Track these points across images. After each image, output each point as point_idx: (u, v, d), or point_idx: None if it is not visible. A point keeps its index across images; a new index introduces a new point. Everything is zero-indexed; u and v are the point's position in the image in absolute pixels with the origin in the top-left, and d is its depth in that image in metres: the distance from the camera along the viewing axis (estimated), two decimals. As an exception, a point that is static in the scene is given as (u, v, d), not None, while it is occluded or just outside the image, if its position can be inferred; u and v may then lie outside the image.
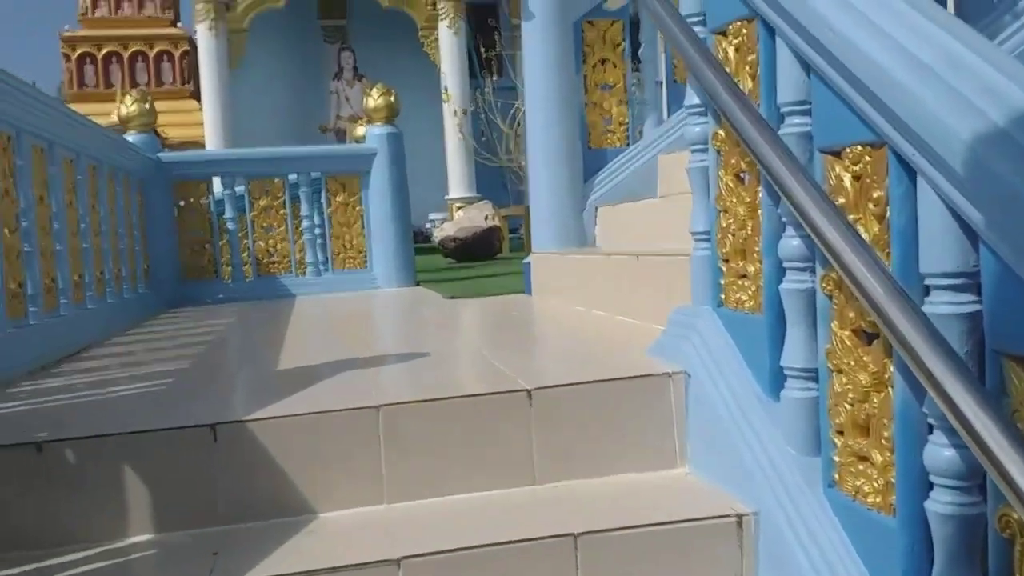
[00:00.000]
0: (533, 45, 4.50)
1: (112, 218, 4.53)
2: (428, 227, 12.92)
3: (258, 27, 12.59)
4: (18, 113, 3.13)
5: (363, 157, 5.97)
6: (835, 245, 1.34)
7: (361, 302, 5.17)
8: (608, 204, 4.45)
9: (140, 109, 5.47)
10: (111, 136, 4.64)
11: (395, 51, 13.77)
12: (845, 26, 1.51)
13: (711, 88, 1.67)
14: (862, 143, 1.59)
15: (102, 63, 19.57)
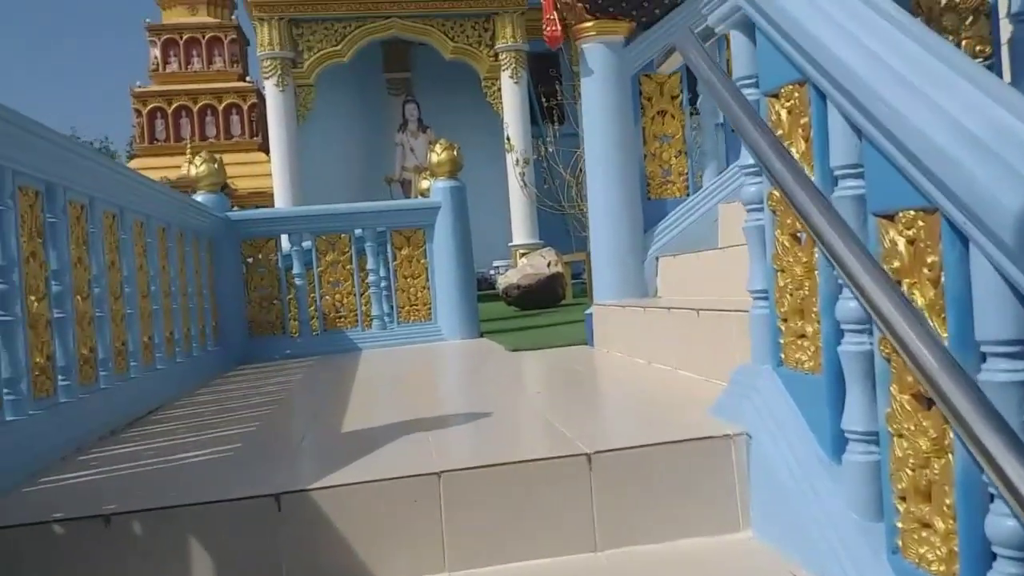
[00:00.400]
0: (592, 99, 4.54)
1: (182, 278, 4.67)
2: (492, 274, 12.99)
3: (324, 81, 12.92)
4: (91, 183, 3.26)
5: (427, 211, 6.06)
6: (886, 314, 1.31)
7: (425, 356, 5.21)
8: (669, 255, 4.44)
9: (209, 169, 5.65)
10: (181, 198, 4.80)
11: (458, 102, 13.99)
12: (893, 96, 1.50)
13: (762, 154, 1.66)
14: (915, 208, 1.56)
15: (172, 117, 20.29)
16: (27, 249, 2.74)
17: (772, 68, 2.10)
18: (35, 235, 2.81)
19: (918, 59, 1.57)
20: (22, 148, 2.63)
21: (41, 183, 2.84)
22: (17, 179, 2.66)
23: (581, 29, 4.50)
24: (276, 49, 12.37)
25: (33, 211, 2.80)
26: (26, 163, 2.69)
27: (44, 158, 2.80)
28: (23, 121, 2.58)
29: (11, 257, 2.59)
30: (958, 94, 1.45)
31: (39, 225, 2.84)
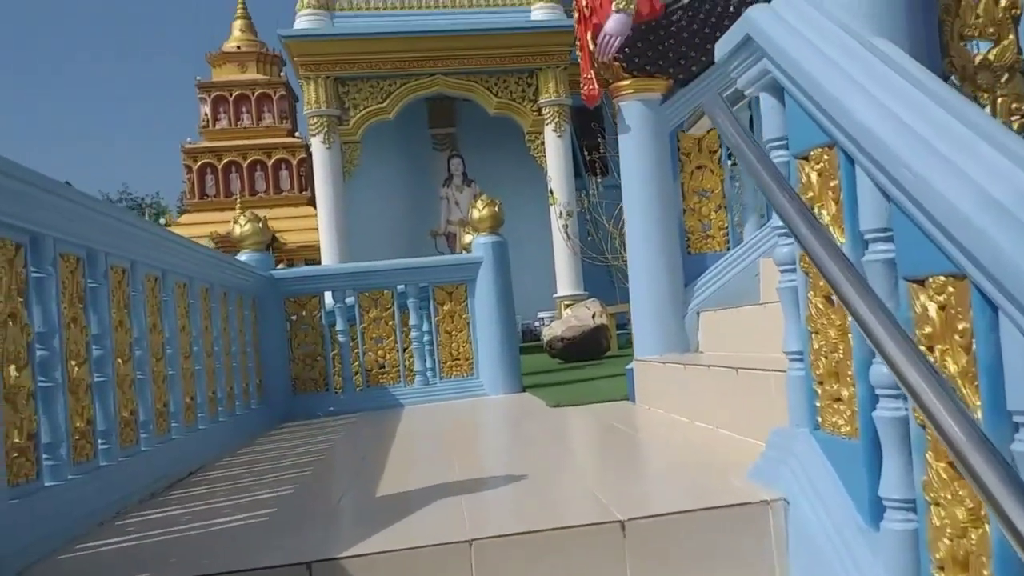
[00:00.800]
0: (629, 156, 4.54)
1: (225, 337, 4.73)
2: (537, 325, 12.99)
3: (370, 137, 13.12)
4: (133, 247, 3.33)
5: (469, 266, 6.09)
6: (914, 385, 1.28)
7: (465, 413, 5.19)
8: (710, 309, 4.39)
9: (253, 229, 5.75)
10: (223, 259, 4.88)
11: (502, 156, 14.12)
12: (917, 162, 1.47)
13: (789, 219, 1.64)
14: (944, 274, 1.53)
15: (222, 172, 20.76)
16: (68, 314, 2.80)
17: (801, 131, 2.08)
18: (76, 300, 2.87)
19: (943, 124, 1.55)
20: (63, 216, 2.70)
21: (82, 249, 2.91)
22: (59, 246, 2.73)
23: (618, 87, 4.52)
24: (323, 107, 12.62)
25: (75, 277, 2.86)
26: (67, 231, 2.75)
27: (85, 225, 2.87)
28: (64, 190, 2.65)
29: (52, 323, 2.65)
30: (983, 160, 1.42)
31: (80, 290, 2.91)
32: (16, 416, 2.46)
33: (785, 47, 1.99)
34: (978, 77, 2.56)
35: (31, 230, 2.56)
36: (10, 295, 2.48)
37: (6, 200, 2.38)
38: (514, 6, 13.19)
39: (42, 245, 2.63)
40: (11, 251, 2.48)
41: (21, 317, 2.52)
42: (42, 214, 2.59)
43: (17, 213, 2.45)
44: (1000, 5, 2.60)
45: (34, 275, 2.60)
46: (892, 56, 1.86)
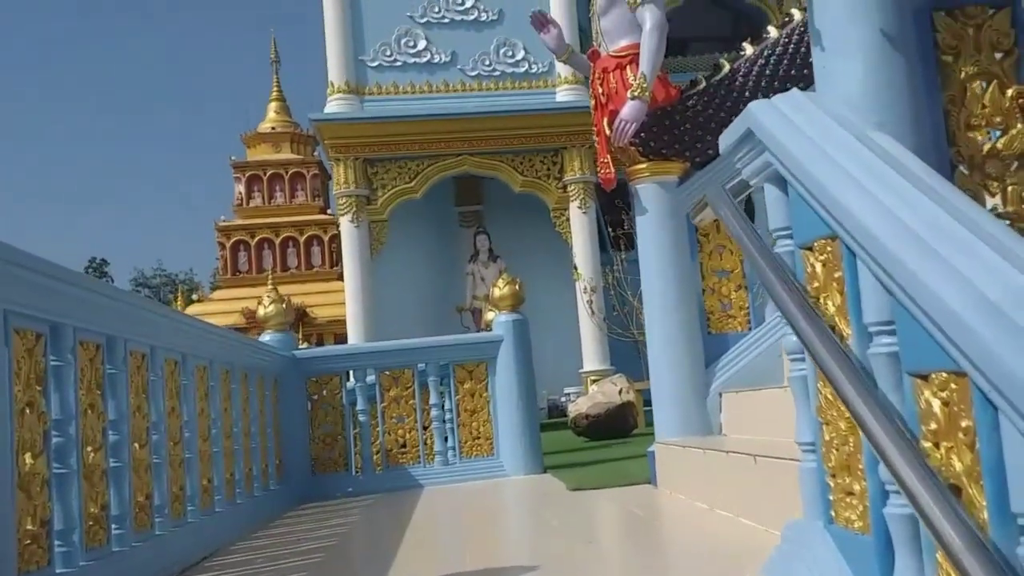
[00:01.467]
0: (647, 237, 4.57)
1: (245, 419, 4.75)
2: (563, 401, 12.90)
3: (398, 215, 13.30)
4: (153, 333, 3.38)
5: (489, 345, 6.09)
6: (910, 486, 1.26)
7: (484, 496, 5.14)
8: (732, 391, 4.35)
9: (277, 310, 5.81)
10: (244, 341, 4.93)
11: (528, 232, 14.23)
12: (912, 259, 1.48)
13: (788, 314, 1.64)
14: (946, 370, 1.52)
15: (255, 249, 21.12)
16: (85, 401, 2.83)
17: (805, 221, 2.09)
18: (94, 387, 2.91)
19: (938, 221, 1.55)
20: (83, 306, 2.75)
21: (102, 337, 2.96)
22: (78, 334, 2.78)
23: (635, 171, 4.58)
24: (352, 187, 12.86)
25: (93, 364, 2.91)
26: (87, 319, 2.81)
27: (105, 314, 2.92)
28: (84, 281, 2.71)
29: (69, 410, 2.68)
30: (978, 258, 1.42)
31: (99, 377, 2.94)
32: (30, 503, 2.47)
33: (785, 143, 2.01)
34: (987, 166, 2.57)
35: (52, 320, 2.61)
36: (29, 384, 2.52)
37: (28, 293, 2.44)
38: (539, 88, 13.44)
39: (62, 334, 2.68)
40: (31, 341, 2.53)
41: (38, 405, 2.56)
42: (63, 305, 2.64)
43: (38, 305, 2.51)
44: (1007, 95, 2.62)
45: (53, 363, 2.64)
46: (890, 151, 1.88)
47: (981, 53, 2.63)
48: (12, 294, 2.36)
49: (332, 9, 13.10)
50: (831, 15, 2.38)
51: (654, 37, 4.40)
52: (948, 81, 2.60)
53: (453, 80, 13.43)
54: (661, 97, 4.48)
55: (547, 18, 4.92)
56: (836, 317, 1.99)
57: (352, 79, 13.09)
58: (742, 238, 1.91)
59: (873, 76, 2.27)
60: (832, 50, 2.36)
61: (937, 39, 2.61)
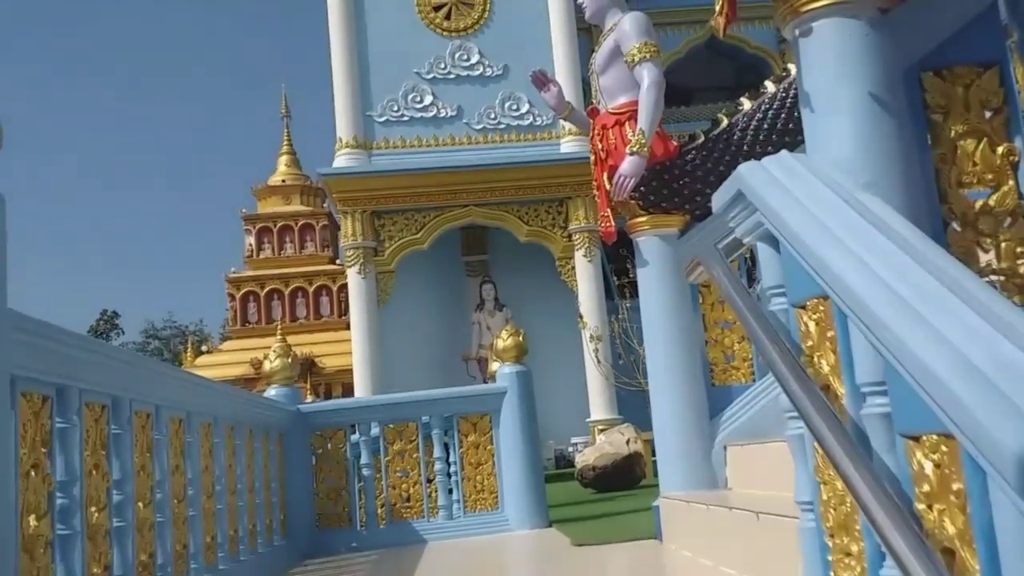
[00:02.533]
0: (648, 290, 4.60)
1: (249, 475, 4.75)
2: (571, 451, 12.84)
3: (404, 266, 13.40)
4: (158, 392, 3.40)
5: (493, 396, 6.10)
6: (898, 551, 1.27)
7: (487, 552, 5.12)
8: (737, 444, 4.34)
9: (283, 364, 5.84)
10: (249, 397, 4.96)
11: (534, 281, 14.29)
12: (896, 323, 1.50)
13: (779, 375, 1.67)
14: (937, 432, 1.53)
15: (264, 299, 21.25)
16: (90, 462, 2.85)
17: (797, 280, 2.12)
18: (99, 447, 2.93)
19: (924, 285, 1.58)
20: (89, 368, 2.78)
21: (108, 397, 2.98)
22: (84, 396, 2.80)
23: (635, 224, 4.62)
24: (359, 239, 12.98)
25: (98, 425, 2.93)
26: (93, 381, 2.84)
27: (111, 374, 2.95)
28: (90, 344, 2.76)
29: (73, 472, 2.70)
30: (962, 322, 1.45)
31: (104, 437, 2.97)
32: (32, 566, 2.48)
33: (774, 205, 2.05)
34: (979, 223, 2.60)
35: (58, 383, 2.64)
36: (34, 446, 2.54)
37: (35, 357, 2.47)
38: (544, 140, 13.60)
39: (68, 396, 2.71)
40: (37, 404, 2.56)
41: (43, 467, 2.58)
42: (69, 367, 2.67)
43: (45, 368, 2.54)
44: (998, 152, 2.67)
45: (59, 425, 2.67)
46: (878, 213, 1.91)
47: (970, 112, 2.68)
48: (19, 359, 2.40)
49: (340, 66, 13.34)
50: (819, 77, 2.43)
51: (652, 94, 4.46)
52: (938, 140, 2.65)
53: (459, 134, 13.61)
54: (660, 152, 4.53)
55: (547, 77, 5.00)
56: (831, 376, 2.01)
57: (360, 134, 13.28)
58: (733, 298, 1.94)
59: (862, 136, 2.31)
60: (821, 111, 2.41)
61: (926, 99, 2.66)
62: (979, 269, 2.49)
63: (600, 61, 4.77)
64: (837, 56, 2.39)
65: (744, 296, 1.93)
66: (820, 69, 2.43)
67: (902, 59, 2.58)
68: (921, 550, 1.26)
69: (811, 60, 2.46)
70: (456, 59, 13.77)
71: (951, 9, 2.70)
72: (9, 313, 2.28)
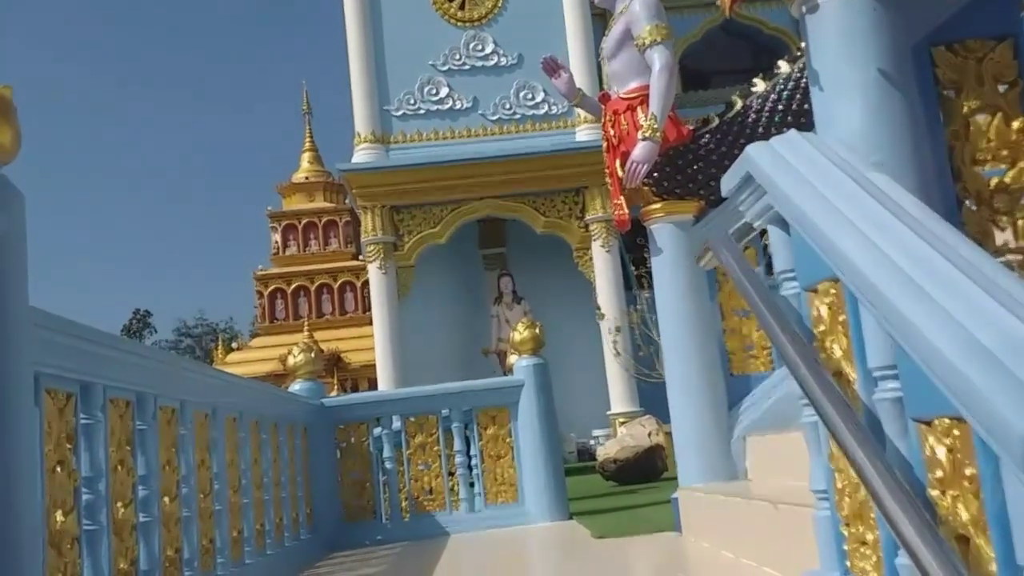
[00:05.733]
0: (663, 279, 4.58)
1: (275, 469, 4.80)
2: (592, 444, 12.83)
3: (424, 260, 13.44)
4: (183, 388, 3.44)
5: (511, 390, 6.11)
6: (909, 540, 1.27)
7: (508, 544, 5.15)
8: (757, 434, 4.31)
9: (306, 359, 5.89)
10: (274, 392, 5.00)
11: (551, 272, 14.28)
12: (904, 304, 1.50)
13: (789, 361, 1.67)
14: (948, 416, 1.53)
15: (291, 296, 21.48)
16: (115, 458, 2.90)
17: (808, 264, 2.12)
18: (124, 443, 2.97)
19: (933, 266, 1.57)
20: (112, 365, 2.82)
21: (132, 394, 3.03)
22: (108, 392, 2.85)
23: (649, 211, 4.60)
24: (379, 234, 13.04)
25: (123, 421, 2.97)
26: (117, 378, 2.88)
27: (135, 371, 2.99)
28: (115, 342, 2.80)
29: (99, 467, 2.74)
30: (971, 302, 1.44)
31: (129, 433, 3.01)
32: (60, 561, 2.53)
33: (783, 187, 2.05)
34: (995, 201, 2.57)
35: (82, 379, 2.68)
36: (59, 443, 2.58)
37: (59, 354, 2.51)
38: (559, 129, 13.58)
39: (92, 392, 2.75)
40: (62, 400, 2.60)
41: (69, 463, 2.62)
42: (93, 364, 2.72)
43: (69, 365, 2.58)
44: (1013, 127, 2.62)
45: (84, 422, 2.71)
46: (888, 193, 1.90)
47: (984, 86, 2.63)
48: (43, 356, 2.44)
49: (357, 61, 13.37)
50: (828, 56, 2.39)
51: (663, 77, 4.41)
52: (950, 116, 2.60)
53: (475, 125, 13.61)
54: (673, 137, 4.49)
55: (557, 63, 4.99)
56: (843, 361, 2.01)
57: (377, 129, 13.32)
58: (743, 283, 1.95)
59: (872, 115, 2.27)
60: (830, 90, 2.37)
61: (937, 74, 2.60)
62: (996, 249, 2.46)
63: (610, 46, 4.73)
64: (844, 33, 2.35)
65: (754, 281, 1.94)
66: (827, 47, 2.39)
67: (911, 34, 2.52)
68: (933, 540, 1.26)
69: (818, 38, 2.43)
70: (471, 50, 13.76)
71: (962, -19, 2.64)
72: (32, 311, 2.31)
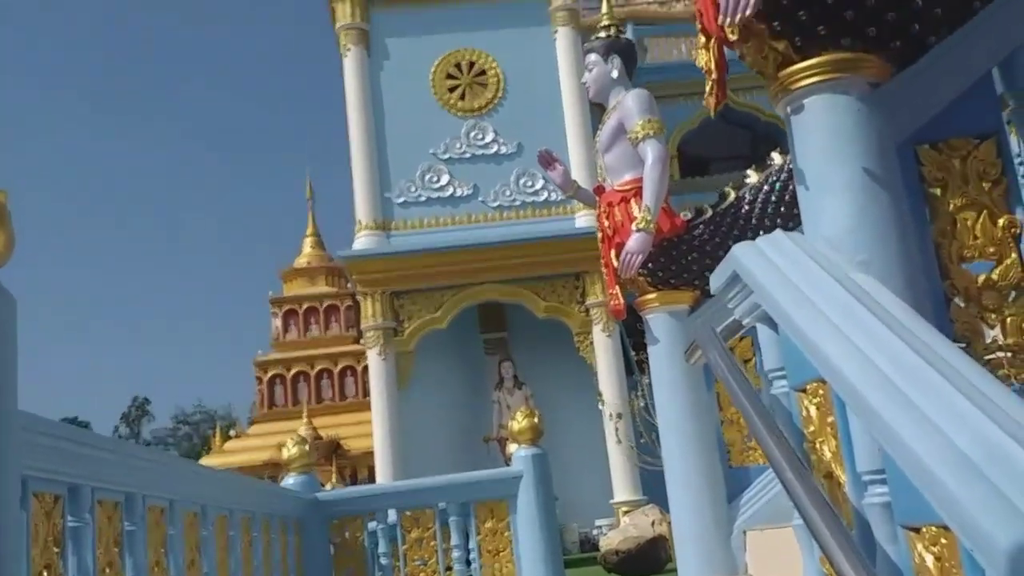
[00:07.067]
0: (660, 369, 4.58)
1: (266, 567, 4.70)
2: (595, 533, 12.63)
3: (424, 345, 13.44)
4: (173, 486, 3.41)
5: (509, 481, 6.01)
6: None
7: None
8: (756, 528, 4.25)
9: (300, 452, 5.81)
10: (265, 488, 4.95)
11: (553, 357, 14.27)
12: (886, 409, 1.50)
13: (775, 462, 1.66)
14: (936, 525, 1.51)
15: (291, 382, 21.30)
16: (103, 560, 2.85)
17: (796, 363, 2.12)
18: (112, 545, 2.92)
19: (915, 371, 1.58)
20: (101, 466, 2.80)
21: (120, 494, 2.99)
22: (96, 494, 2.81)
23: (644, 301, 4.62)
24: (379, 320, 13.08)
25: (112, 522, 2.93)
26: (106, 479, 2.85)
27: (124, 472, 2.97)
28: (103, 442, 2.78)
29: (87, 571, 2.69)
30: (953, 410, 1.44)
31: (117, 534, 2.96)
32: (45, 669, 2.47)
33: (768, 288, 2.06)
34: (983, 298, 2.58)
35: (70, 482, 2.66)
36: (46, 546, 2.54)
37: (47, 457, 2.49)
38: (558, 215, 13.74)
39: (80, 494, 2.71)
40: (49, 504, 2.57)
41: (56, 567, 2.57)
42: (81, 466, 2.69)
43: (57, 468, 2.56)
44: (999, 225, 2.65)
45: (71, 524, 2.67)
46: (872, 294, 1.92)
47: (969, 184, 2.66)
48: (30, 459, 2.42)
49: (359, 150, 13.62)
50: (813, 154, 2.43)
51: (656, 170, 4.48)
52: (937, 214, 2.63)
53: (475, 212, 13.78)
54: (667, 228, 4.53)
55: (552, 157, 5.07)
56: (833, 463, 2.00)
57: (379, 216, 13.48)
58: (731, 384, 1.95)
59: (858, 214, 2.30)
60: (816, 189, 2.40)
61: (923, 172, 2.64)
62: (985, 346, 2.46)
63: (604, 139, 4.82)
64: (829, 132, 2.39)
65: (741, 382, 1.93)
66: (812, 146, 2.43)
67: (896, 133, 2.57)
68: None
69: (803, 137, 2.47)
70: (471, 138, 14.02)
71: (943, 81, 2.69)
72: (20, 415, 2.31)
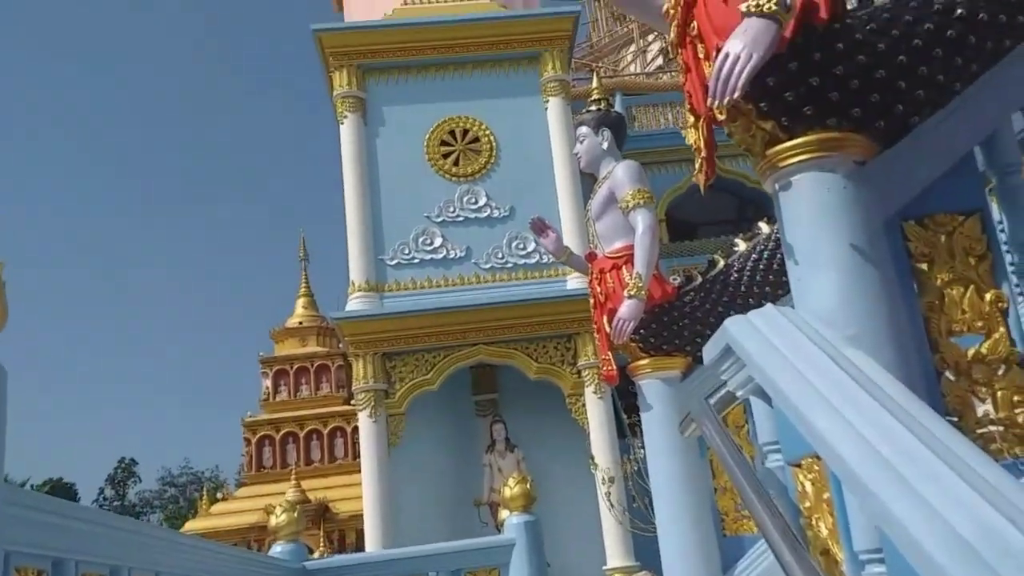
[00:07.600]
0: (652, 436, 4.56)
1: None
2: (589, 602, 12.40)
3: (415, 407, 13.32)
4: (157, 559, 3.35)
5: (501, 549, 5.95)
6: None
7: None
8: (751, 597, 4.20)
9: (288, 519, 5.73)
10: (251, 557, 4.86)
11: (545, 419, 14.15)
12: (881, 490, 1.49)
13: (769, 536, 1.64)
14: (935, 608, 1.49)
15: (279, 443, 21.02)
16: (85, 636, 2.78)
17: (791, 438, 2.11)
18: (95, 620, 2.87)
19: (908, 449, 1.57)
20: (85, 539, 2.76)
21: (105, 568, 2.94)
22: (81, 567, 2.76)
23: (637, 367, 4.62)
24: (371, 381, 12.99)
25: (94, 596, 2.88)
26: (90, 552, 2.80)
27: (108, 544, 2.92)
28: (86, 515, 2.74)
29: (68, 648, 2.63)
30: (947, 490, 1.43)
31: (100, 610, 2.91)
32: None
33: (762, 363, 2.06)
34: (973, 372, 2.58)
35: (54, 556, 2.61)
36: (28, 622, 2.49)
37: (30, 531, 2.45)
38: (550, 277, 13.77)
39: (65, 569, 2.67)
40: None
41: (38, 644, 2.52)
42: (65, 539, 2.65)
43: (40, 542, 2.52)
44: (986, 299, 2.67)
45: (54, 599, 2.62)
46: (863, 369, 1.92)
47: (955, 259, 2.69)
48: (14, 534, 2.38)
49: (353, 213, 13.69)
50: (801, 230, 2.45)
51: (647, 238, 4.56)
52: (925, 288, 2.65)
53: (468, 273, 13.81)
54: (658, 295, 4.58)
55: (545, 224, 5.13)
56: (829, 540, 1.98)
57: (372, 277, 13.49)
58: (725, 458, 1.94)
59: (847, 288, 2.31)
60: (805, 264, 2.41)
61: (909, 247, 2.67)
62: (977, 420, 2.46)
63: (596, 208, 4.91)
64: (816, 209, 2.41)
65: (737, 457, 1.92)
66: (800, 222, 2.45)
67: (882, 209, 2.60)
68: None
69: (791, 213, 2.49)
70: (464, 202, 14.12)
71: (928, 159, 2.74)
72: (3, 488, 2.28)
